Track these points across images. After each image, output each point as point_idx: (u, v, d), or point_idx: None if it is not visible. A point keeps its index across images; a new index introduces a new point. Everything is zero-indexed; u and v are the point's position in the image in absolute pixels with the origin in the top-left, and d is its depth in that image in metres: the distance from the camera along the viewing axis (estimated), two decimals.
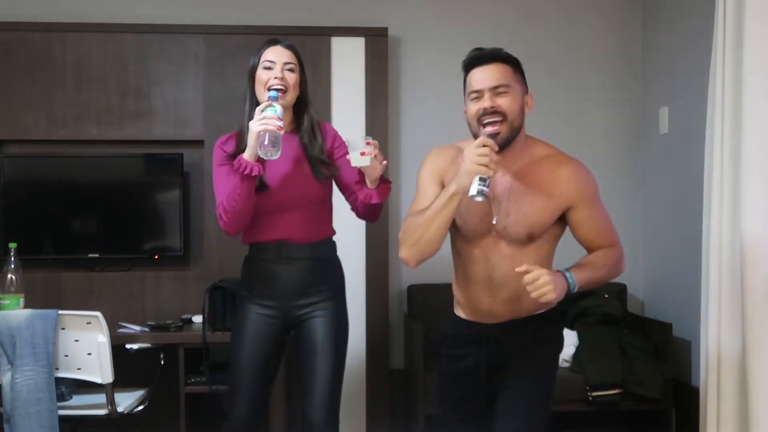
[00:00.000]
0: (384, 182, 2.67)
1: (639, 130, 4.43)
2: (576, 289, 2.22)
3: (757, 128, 3.01)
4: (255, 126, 2.53)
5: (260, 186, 2.67)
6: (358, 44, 4.04)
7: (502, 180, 2.27)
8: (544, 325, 2.38)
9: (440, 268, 2.50)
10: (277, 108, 2.55)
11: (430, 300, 4.04)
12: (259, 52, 2.72)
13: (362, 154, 2.51)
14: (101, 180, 3.99)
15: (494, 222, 2.29)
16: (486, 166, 2.11)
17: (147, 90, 3.98)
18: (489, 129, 2.20)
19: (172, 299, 3.93)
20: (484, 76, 2.22)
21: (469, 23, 4.33)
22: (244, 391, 2.72)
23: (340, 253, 2.85)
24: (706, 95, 3.33)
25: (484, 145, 2.13)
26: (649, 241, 4.37)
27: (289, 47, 2.74)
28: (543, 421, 2.35)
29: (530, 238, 2.28)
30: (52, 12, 4.09)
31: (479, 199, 2.13)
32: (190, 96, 3.98)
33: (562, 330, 2.59)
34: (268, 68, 2.68)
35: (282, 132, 2.54)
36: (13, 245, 3.23)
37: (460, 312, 2.45)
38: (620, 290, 4.21)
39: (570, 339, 3.84)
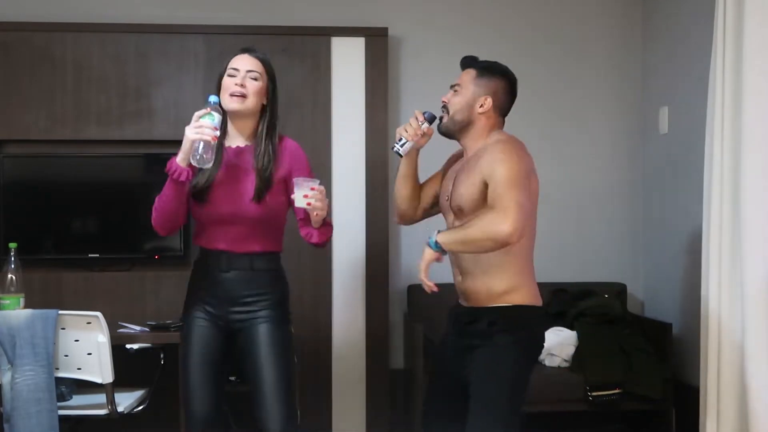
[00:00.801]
0: (326, 225, 2.70)
1: (639, 130, 4.43)
2: (438, 246, 2.38)
3: (757, 128, 3.02)
4: (190, 133, 2.54)
5: (200, 196, 2.68)
6: (358, 44, 4.03)
7: (461, 160, 2.60)
8: (504, 318, 2.46)
9: (440, 268, 2.50)
10: (215, 116, 2.55)
11: (430, 300, 3.97)
12: (227, 61, 2.72)
13: (305, 196, 2.53)
14: (101, 180, 3.98)
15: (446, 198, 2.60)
16: (405, 130, 2.59)
17: (147, 90, 3.97)
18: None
19: (172, 299, 3.90)
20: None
21: (469, 23, 4.33)
22: (195, 393, 2.71)
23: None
24: (706, 95, 3.33)
25: (416, 117, 2.60)
26: (649, 241, 4.37)
27: (257, 57, 2.71)
28: (505, 413, 2.42)
29: (460, 212, 2.49)
30: (52, 12, 4.08)
31: (395, 153, 2.62)
32: (190, 96, 3.97)
33: (531, 324, 2.53)
34: (232, 75, 2.67)
35: (216, 142, 2.55)
36: (13, 245, 3.23)
37: None
38: (620, 290, 4.22)
39: (570, 339, 3.84)
